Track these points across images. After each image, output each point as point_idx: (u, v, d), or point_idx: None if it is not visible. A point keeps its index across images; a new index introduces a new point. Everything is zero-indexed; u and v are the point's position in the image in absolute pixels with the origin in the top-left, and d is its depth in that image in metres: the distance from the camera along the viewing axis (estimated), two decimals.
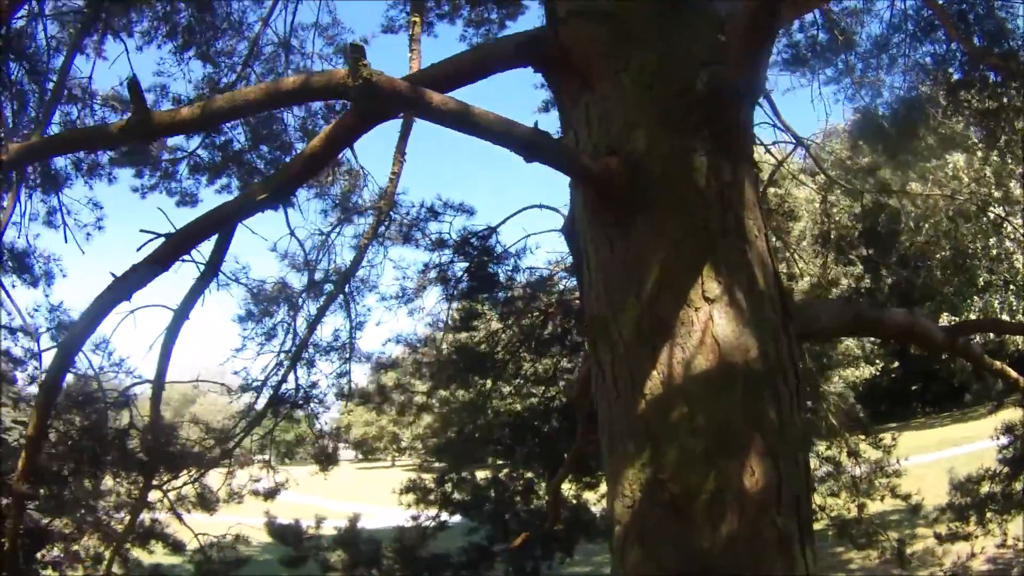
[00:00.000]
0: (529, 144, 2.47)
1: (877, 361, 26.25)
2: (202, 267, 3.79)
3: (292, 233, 5.67)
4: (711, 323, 2.38)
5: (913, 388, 28.28)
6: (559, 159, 2.61)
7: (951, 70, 7.75)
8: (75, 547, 6.67)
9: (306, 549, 9.36)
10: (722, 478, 2.28)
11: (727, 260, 2.44)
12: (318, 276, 7.42)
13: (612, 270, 2.62)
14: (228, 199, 4.04)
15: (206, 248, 3.69)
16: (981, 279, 23.51)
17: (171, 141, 7.70)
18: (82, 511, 6.34)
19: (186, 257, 3.42)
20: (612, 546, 2.60)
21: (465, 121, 2.40)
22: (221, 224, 3.48)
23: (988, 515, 7.36)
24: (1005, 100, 7.29)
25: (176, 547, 7.72)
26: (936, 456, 19.03)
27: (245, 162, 7.91)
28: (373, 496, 22.00)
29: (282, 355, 7.20)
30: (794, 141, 7.52)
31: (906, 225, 7.87)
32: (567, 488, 8.80)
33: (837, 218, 10.07)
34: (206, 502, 7.54)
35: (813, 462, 8.13)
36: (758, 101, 7.73)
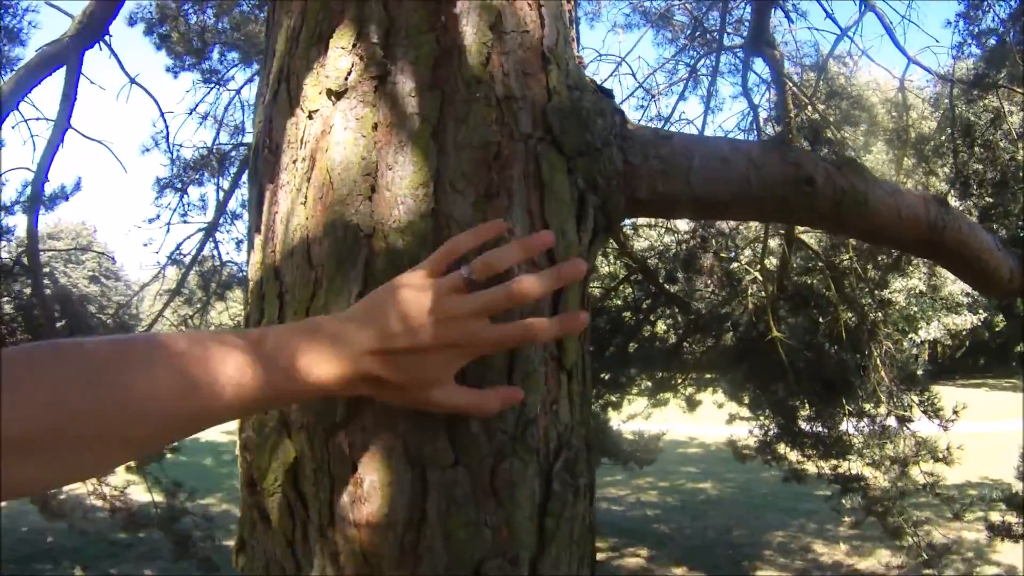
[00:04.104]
0: None
1: (980, 311, 23.35)
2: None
3: (133, 80, 4.50)
4: (326, 141, 0.94)
5: (1017, 348, 25.21)
6: None
7: None
8: None
9: None
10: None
11: (386, 15, 0.96)
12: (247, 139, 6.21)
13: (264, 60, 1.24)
14: None
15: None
16: None
17: None
18: None
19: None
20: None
21: None
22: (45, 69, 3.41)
23: None
24: None
25: None
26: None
27: None
28: None
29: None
30: None
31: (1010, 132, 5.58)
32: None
33: (919, 113, 7.73)
34: None
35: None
36: None
